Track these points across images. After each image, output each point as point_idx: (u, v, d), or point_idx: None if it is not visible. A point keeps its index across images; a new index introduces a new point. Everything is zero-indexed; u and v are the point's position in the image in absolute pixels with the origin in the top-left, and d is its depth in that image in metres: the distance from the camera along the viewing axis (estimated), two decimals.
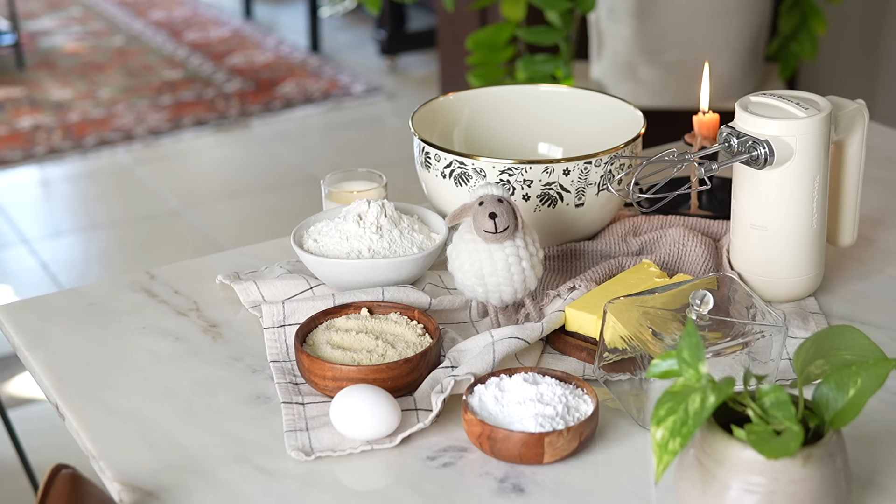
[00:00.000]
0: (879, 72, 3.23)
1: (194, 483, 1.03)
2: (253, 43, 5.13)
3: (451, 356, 1.16)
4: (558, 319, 1.21)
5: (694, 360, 0.90)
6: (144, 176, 3.90)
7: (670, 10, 2.61)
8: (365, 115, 4.35)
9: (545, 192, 1.32)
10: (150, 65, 4.85)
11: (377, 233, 1.28)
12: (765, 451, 0.87)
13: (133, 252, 3.43)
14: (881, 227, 1.47)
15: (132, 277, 1.39)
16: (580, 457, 1.05)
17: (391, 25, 4.76)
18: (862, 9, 3.20)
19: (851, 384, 0.91)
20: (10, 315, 1.32)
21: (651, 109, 2.51)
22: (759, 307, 1.14)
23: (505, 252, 1.19)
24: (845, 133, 1.30)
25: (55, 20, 5.47)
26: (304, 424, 1.10)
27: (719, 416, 0.93)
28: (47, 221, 3.65)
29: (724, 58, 2.65)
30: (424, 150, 1.38)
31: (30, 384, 2.74)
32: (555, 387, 1.08)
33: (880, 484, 1.01)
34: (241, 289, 1.31)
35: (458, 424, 1.10)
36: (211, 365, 1.21)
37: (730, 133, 1.24)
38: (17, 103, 4.42)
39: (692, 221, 1.41)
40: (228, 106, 4.40)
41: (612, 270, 1.31)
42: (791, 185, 1.24)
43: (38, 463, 2.32)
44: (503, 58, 2.54)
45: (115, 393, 1.17)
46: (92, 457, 1.09)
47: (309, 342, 1.18)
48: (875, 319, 1.27)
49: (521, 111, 1.53)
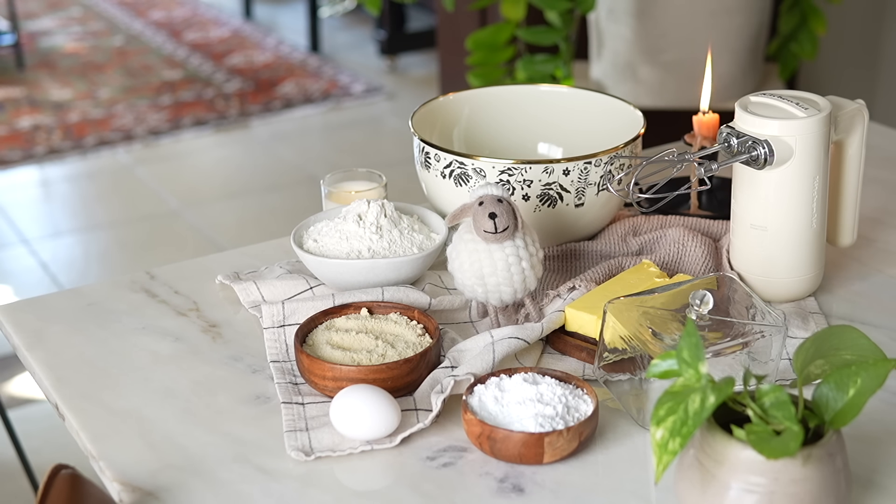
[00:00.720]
0: (879, 72, 3.23)
1: (194, 483, 1.03)
2: (253, 43, 5.13)
3: (451, 356, 1.16)
4: (558, 319, 1.21)
5: (694, 360, 0.90)
6: (144, 176, 3.90)
7: (670, 10, 2.61)
8: (365, 115, 4.35)
9: (545, 192, 1.32)
10: (150, 65, 4.85)
11: (377, 233, 1.28)
12: (765, 451, 0.87)
13: (133, 252, 3.43)
14: (881, 227, 1.47)
15: (132, 277, 1.39)
16: (580, 457, 1.05)
17: (391, 25, 4.76)
18: (862, 9, 3.20)
19: (851, 384, 0.91)
20: (10, 315, 1.32)
21: (651, 109, 2.51)
22: (758, 307, 1.14)
23: (505, 252, 1.19)
24: (845, 133, 1.30)
25: (55, 20, 5.47)
26: (303, 424, 1.10)
27: (719, 416, 0.93)
28: (47, 221, 3.65)
29: (724, 58, 2.65)
30: (424, 150, 1.37)
31: (30, 384, 2.74)
32: (555, 387, 1.08)
33: (880, 484, 1.01)
34: (240, 289, 1.31)
35: (458, 424, 1.10)
36: (211, 365, 1.21)
37: (730, 133, 1.24)
38: (17, 103, 4.42)
39: (692, 221, 1.41)
40: (228, 106, 4.40)
41: (612, 270, 1.31)
42: (791, 185, 1.24)
43: (38, 463, 2.32)
44: (503, 58, 2.54)
45: (115, 393, 1.17)
46: (92, 457, 1.09)
47: (309, 342, 1.18)
48: (875, 319, 1.27)
49: (521, 111, 1.53)
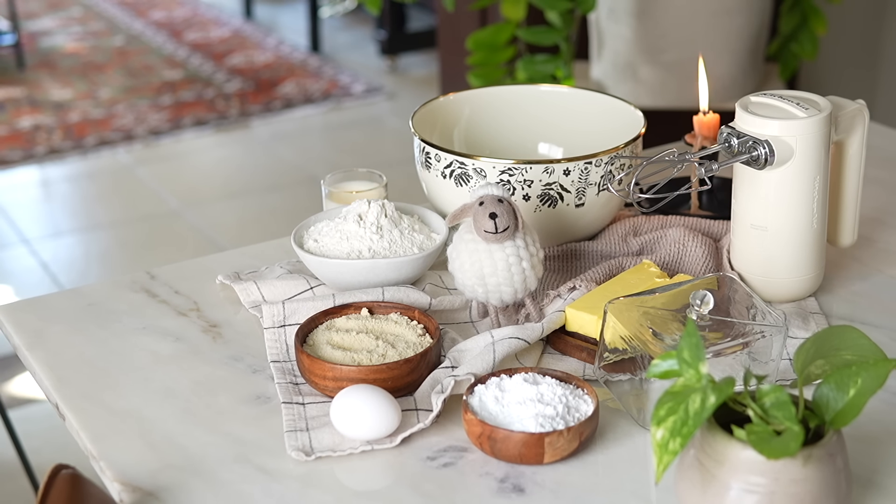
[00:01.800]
0: (879, 72, 3.23)
1: (194, 483, 1.03)
2: (253, 43, 5.13)
3: (452, 356, 1.16)
4: (558, 319, 1.21)
5: (694, 361, 0.90)
6: (144, 176, 3.90)
7: (670, 10, 2.61)
8: (365, 115, 4.35)
9: (545, 193, 1.32)
10: (151, 65, 4.85)
11: (377, 233, 1.28)
12: (765, 451, 0.87)
13: (133, 252, 3.43)
14: (881, 227, 1.47)
15: (132, 277, 1.39)
16: (580, 457, 1.05)
17: (391, 25, 4.76)
18: (862, 9, 3.20)
19: (851, 384, 0.91)
20: (10, 315, 1.32)
21: (651, 109, 2.51)
22: (759, 307, 1.14)
23: (505, 252, 1.19)
24: (845, 133, 1.30)
25: (55, 20, 5.47)
26: (304, 424, 1.10)
27: (719, 416, 0.93)
28: (47, 221, 3.65)
29: (725, 58, 2.65)
30: (425, 151, 1.37)
31: (30, 384, 2.74)
32: (555, 387, 1.08)
33: (880, 484, 1.01)
34: (241, 289, 1.31)
35: (458, 424, 1.10)
36: (211, 365, 1.21)
37: (730, 133, 1.24)
38: (17, 103, 4.41)
39: (692, 221, 1.41)
40: (228, 106, 4.40)
41: (612, 270, 1.31)
42: (791, 185, 1.24)
43: (38, 463, 2.32)
44: (503, 58, 2.54)
45: (115, 393, 1.17)
46: (92, 457, 1.09)
47: (309, 342, 1.18)
48: (875, 319, 1.27)
49: (521, 111, 1.53)
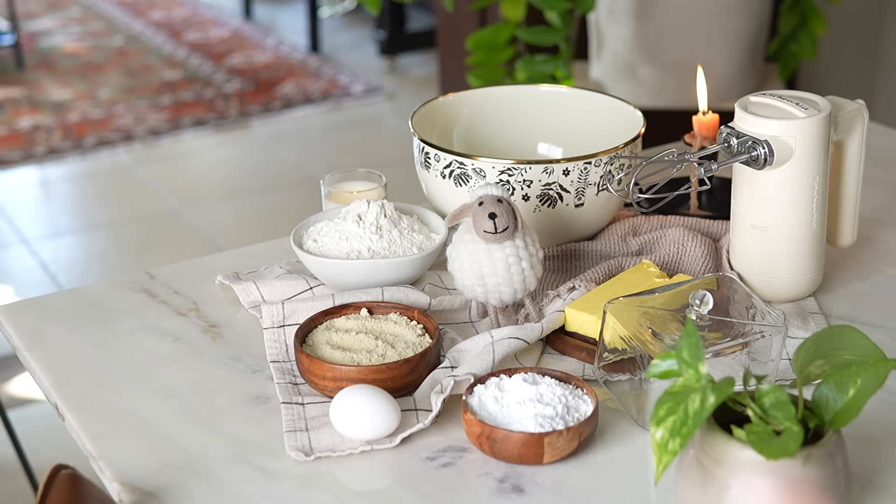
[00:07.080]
0: (879, 72, 3.23)
1: (194, 483, 1.03)
2: (253, 43, 5.13)
3: (451, 356, 1.16)
4: (558, 319, 1.21)
5: (694, 361, 0.90)
6: (144, 176, 3.90)
7: (670, 10, 2.61)
8: (365, 116, 4.35)
9: (545, 193, 1.32)
10: (150, 65, 4.85)
11: (377, 233, 1.28)
12: (765, 451, 0.87)
13: (133, 252, 3.43)
14: (881, 227, 1.47)
15: (132, 278, 1.39)
16: (580, 457, 1.05)
17: (391, 25, 4.76)
18: (862, 9, 3.20)
19: (851, 384, 0.91)
20: (10, 315, 1.32)
21: (651, 109, 2.51)
22: (758, 307, 1.14)
23: (505, 252, 1.19)
24: (845, 133, 1.30)
25: (55, 20, 5.47)
26: (303, 425, 1.10)
27: (719, 416, 0.93)
28: (47, 221, 3.65)
29: (724, 58, 2.65)
30: (424, 151, 1.37)
31: (30, 384, 2.74)
32: (554, 387, 1.08)
33: (880, 484, 1.01)
34: (240, 289, 1.31)
35: (457, 425, 1.10)
36: (211, 365, 1.21)
37: (729, 133, 1.24)
38: (17, 103, 4.41)
39: (692, 222, 1.41)
40: (228, 106, 4.40)
41: (611, 271, 1.31)
42: (791, 185, 1.24)
43: (37, 463, 2.32)
44: (503, 58, 2.54)
45: (115, 393, 1.17)
46: (92, 457, 1.09)
47: (309, 342, 1.18)
48: (875, 319, 1.27)
49: (521, 111, 1.53)
